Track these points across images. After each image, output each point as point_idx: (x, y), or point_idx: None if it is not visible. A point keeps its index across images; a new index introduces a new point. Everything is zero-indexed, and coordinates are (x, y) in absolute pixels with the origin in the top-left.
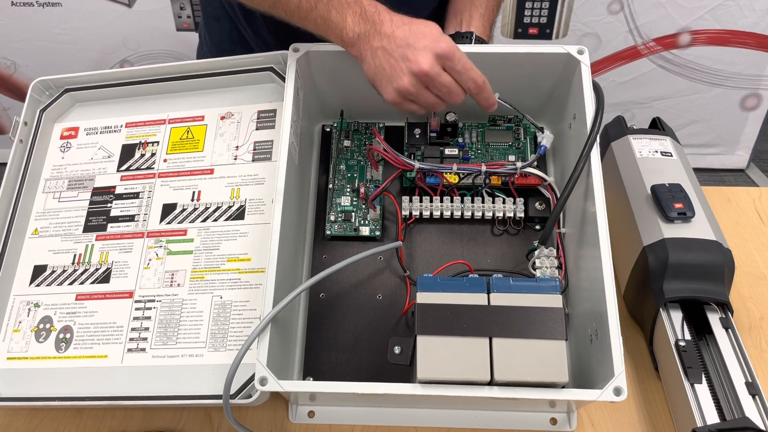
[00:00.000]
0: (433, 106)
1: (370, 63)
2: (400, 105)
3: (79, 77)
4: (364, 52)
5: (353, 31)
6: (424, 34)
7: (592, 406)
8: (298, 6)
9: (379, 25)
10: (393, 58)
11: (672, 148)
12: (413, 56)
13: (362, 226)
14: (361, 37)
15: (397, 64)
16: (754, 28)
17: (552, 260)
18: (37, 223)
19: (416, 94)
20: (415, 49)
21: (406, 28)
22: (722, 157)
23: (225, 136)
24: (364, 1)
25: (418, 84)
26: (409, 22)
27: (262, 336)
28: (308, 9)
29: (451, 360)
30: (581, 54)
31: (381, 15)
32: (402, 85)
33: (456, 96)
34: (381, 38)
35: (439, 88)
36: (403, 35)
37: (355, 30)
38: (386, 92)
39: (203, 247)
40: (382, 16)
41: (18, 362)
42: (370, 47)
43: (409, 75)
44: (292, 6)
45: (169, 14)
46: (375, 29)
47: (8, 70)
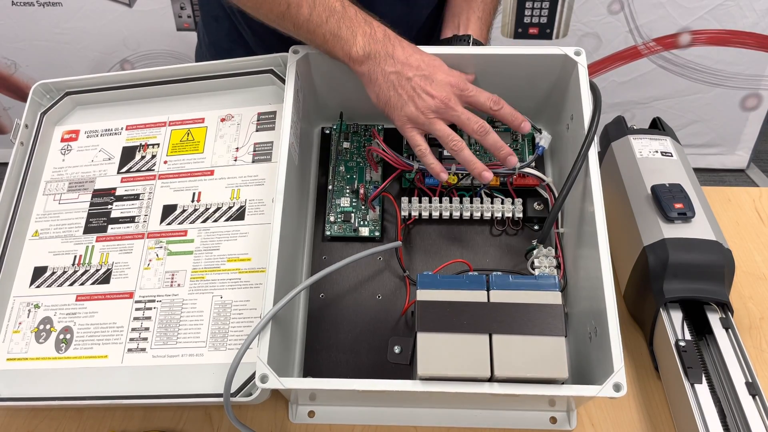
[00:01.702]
0: (445, 137)
1: (381, 86)
2: (408, 131)
3: (79, 80)
4: (375, 73)
5: (363, 50)
6: (437, 67)
7: (591, 406)
8: (308, 20)
9: (391, 49)
10: (410, 86)
11: (672, 148)
12: (432, 88)
13: (362, 226)
14: (370, 57)
15: (415, 93)
16: (754, 28)
17: (551, 260)
18: (38, 224)
19: (431, 122)
20: (433, 81)
21: (418, 57)
22: (722, 157)
23: (225, 138)
24: (375, 23)
25: (435, 113)
26: (419, 51)
27: (262, 334)
28: (318, 23)
29: (452, 357)
30: (578, 55)
31: (392, 40)
32: (420, 112)
33: (473, 123)
34: (395, 63)
35: (458, 116)
36: (418, 65)
37: (365, 49)
38: (398, 116)
39: (203, 248)
40: (393, 41)
41: (18, 363)
42: (383, 71)
43: (428, 105)
44: (302, 20)
45: (169, 14)
46: (386, 52)
47: (8, 70)
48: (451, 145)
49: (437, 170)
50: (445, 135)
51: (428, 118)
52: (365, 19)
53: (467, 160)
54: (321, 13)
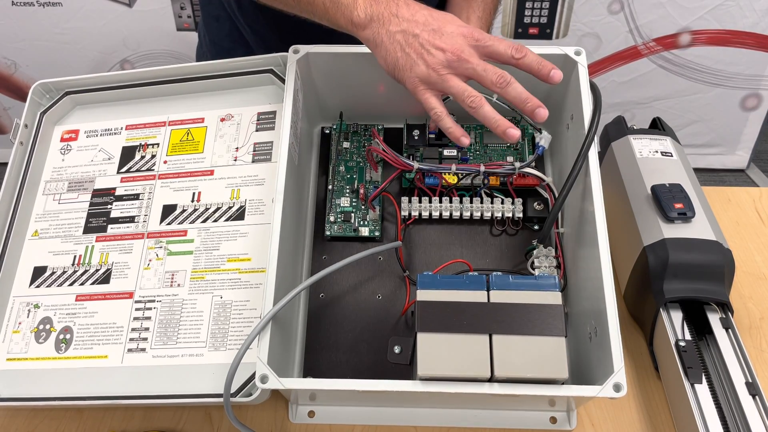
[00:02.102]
0: (461, 93)
1: (388, 48)
2: (422, 93)
3: (79, 80)
4: (379, 36)
5: (365, 13)
6: (447, 20)
7: (591, 406)
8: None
9: (395, 8)
10: (418, 43)
11: (672, 148)
12: (442, 41)
13: (362, 226)
14: (374, 20)
15: (423, 49)
16: (754, 28)
17: (551, 260)
18: (37, 224)
19: (445, 78)
20: (443, 33)
21: (425, 13)
22: (722, 157)
23: (225, 138)
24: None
25: (449, 68)
26: (426, 7)
27: (262, 334)
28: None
29: (452, 357)
30: (578, 55)
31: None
32: (430, 69)
33: (490, 74)
34: (400, 22)
35: (475, 67)
36: (425, 20)
37: (367, 11)
38: (410, 77)
39: (203, 248)
40: (397, 0)
41: (18, 363)
42: (387, 31)
43: (440, 59)
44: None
45: (169, 14)
46: (390, 12)
47: (8, 70)
48: (468, 102)
49: (457, 134)
50: (461, 91)
51: (440, 75)
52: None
53: (488, 117)
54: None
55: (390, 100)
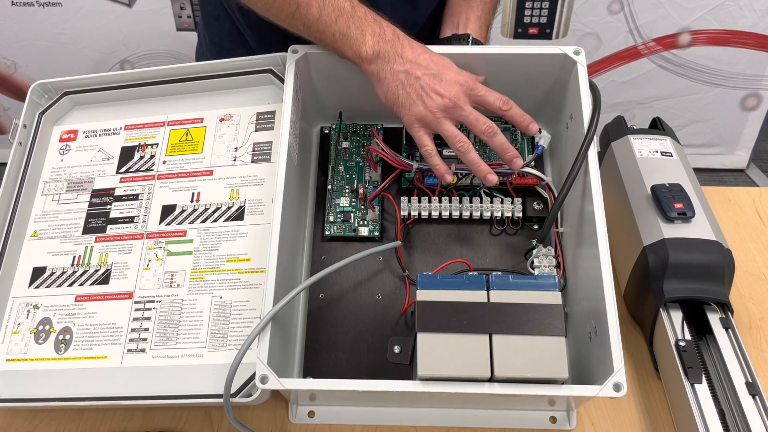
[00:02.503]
0: (453, 137)
1: (390, 85)
2: (416, 130)
3: (78, 80)
4: (383, 72)
5: (372, 49)
6: (447, 66)
7: (591, 406)
8: (317, 20)
9: (400, 48)
10: (419, 85)
11: (672, 148)
12: (441, 87)
13: (361, 226)
14: (380, 57)
15: (423, 92)
16: (754, 28)
17: (550, 259)
18: (37, 225)
19: (439, 121)
20: (442, 80)
21: (427, 57)
22: (722, 157)
23: (224, 138)
24: (384, 23)
25: (444, 112)
26: (427, 51)
27: (262, 335)
28: (328, 23)
29: (452, 357)
30: (578, 54)
31: (401, 40)
32: (428, 111)
33: (481, 123)
34: (404, 62)
35: (467, 116)
36: (427, 64)
37: (374, 48)
38: (407, 115)
39: (203, 248)
40: (402, 40)
41: (17, 364)
42: (391, 69)
43: (437, 104)
44: (311, 19)
45: (169, 14)
46: (395, 52)
47: (8, 70)
48: (458, 146)
49: (442, 172)
50: (453, 135)
51: (436, 117)
52: (374, 19)
53: (473, 162)
54: (330, 13)
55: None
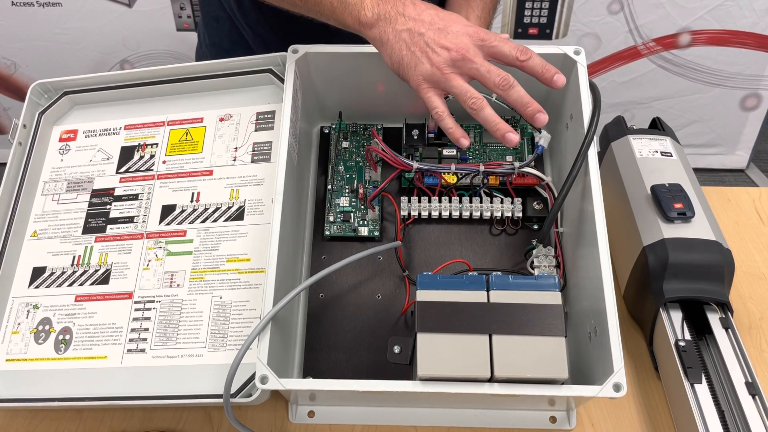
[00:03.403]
0: (463, 94)
1: (393, 46)
2: (425, 91)
3: (77, 80)
4: (386, 34)
5: (372, 12)
6: (453, 19)
7: (591, 406)
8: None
9: (402, 7)
10: (423, 41)
11: (672, 148)
12: (448, 40)
13: (361, 226)
14: (381, 19)
15: (428, 47)
16: (754, 28)
17: (550, 259)
18: (36, 225)
19: (448, 77)
20: (449, 32)
21: (432, 12)
22: (722, 157)
23: (224, 138)
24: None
25: (453, 67)
26: (432, 6)
27: (262, 335)
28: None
29: (452, 357)
30: (578, 54)
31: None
32: (434, 67)
33: (494, 75)
34: (406, 20)
35: (479, 68)
36: (431, 19)
37: (374, 11)
38: (414, 76)
39: (203, 248)
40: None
41: (17, 364)
42: (393, 30)
43: (444, 58)
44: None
45: (169, 14)
46: (397, 11)
47: (8, 70)
48: (470, 103)
49: (457, 135)
50: (464, 92)
51: (444, 74)
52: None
53: (488, 119)
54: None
55: (389, 99)
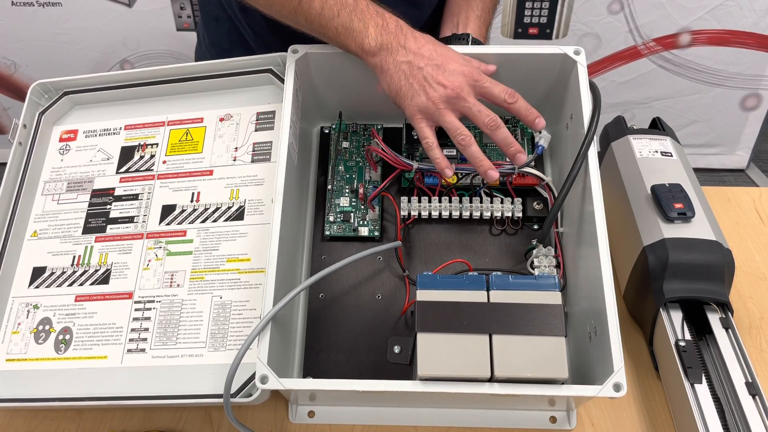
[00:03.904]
0: (454, 130)
1: (393, 76)
2: (418, 121)
3: (77, 80)
4: (386, 63)
5: (375, 41)
6: (451, 57)
7: (591, 406)
8: (320, 14)
9: (403, 39)
10: (421, 75)
11: (672, 148)
12: (444, 77)
13: (361, 226)
14: (383, 49)
15: (426, 82)
16: (754, 28)
17: (550, 259)
18: (36, 225)
19: (441, 112)
20: (445, 70)
21: (431, 48)
22: (722, 157)
23: (224, 138)
24: (387, 15)
25: (447, 104)
26: (432, 41)
27: (262, 335)
28: (330, 17)
29: (452, 357)
30: (578, 54)
31: (404, 30)
32: (430, 102)
33: (483, 116)
34: (407, 53)
35: (470, 107)
36: (430, 55)
37: (377, 40)
38: (409, 106)
39: (203, 248)
40: (405, 31)
41: (17, 364)
42: (394, 60)
43: (440, 94)
44: (314, 14)
45: (169, 14)
46: (399, 43)
47: (8, 70)
48: (459, 139)
49: (443, 166)
50: (454, 128)
51: (438, 109)
52: (377, 11)
53: (474, 156)
54: (332, 7)
55: (389, 100)
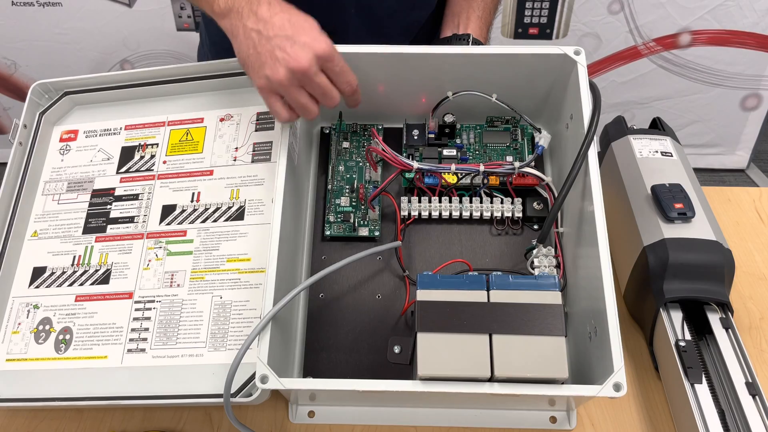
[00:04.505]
0: (302, 107)
1: (242, 43)
2: (266, 96)
3: (78, 80)
4: (237, 29)
5: (225, 4)
6: (305, 29)
7: (591, 406)
8: None
9: (256, 6)
10: (270, 46)
11: (672, 148)
12: (292, 51)
13: (361, 226)
14: (233, 12)
15: (273, 54)
16: (754, 28)
17: (550, 259)
18: (37, 225)
19: (287, 89)
20: (294, 43)
21: (284, 17)
22: (722, 157)
23: (224, 138)
24: None
25: (293, 80)
26: (288, 11)
27: (262, 334)
28: None
29: (452, 357)
30: (578, 55)
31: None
32: (275, 76)
33: (330, 99)
34: (257, 21)
35: (314, 88)
36: (281, 24)
37: (228, 3)
38: (256, 78)
39: (203, 248)
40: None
41: (17, 363)
42: (243, 26)
43: (285, 68)
44: None
45: (169, 14)
46: (250, 8)
47: (8, 70)
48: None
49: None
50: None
51: (283, 84)
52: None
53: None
54: None
55: (389, 99)
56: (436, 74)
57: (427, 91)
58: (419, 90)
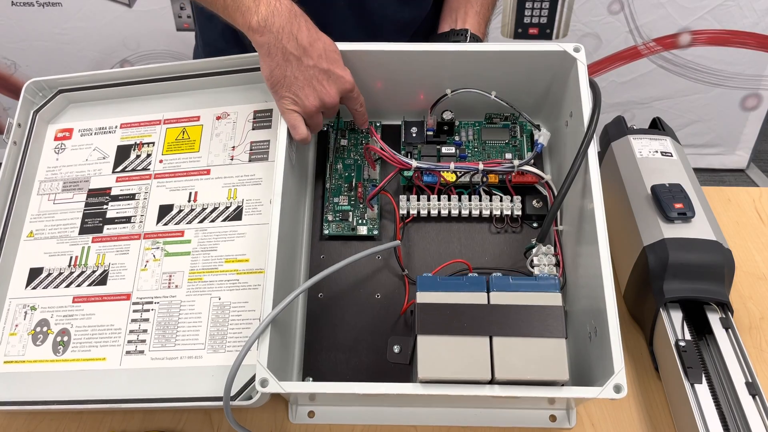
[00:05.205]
0: (317, 126)
1: (279, 63)
2: (291, 113)
3: (72, 78)
4: (274, 49)
5: (264, 20)
6: (336, 61)
7: (591, 406)
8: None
9: (296, 29)
10: (308, 74)
11: (672, 148)
12: (328, 85)
13: (360, 225)
14: (272, 31)
15: (310, 83)
16: (754, 28)
17: (550, 258)
18: (33, 225)
19: (314, 115)
20: (329, 77)
21: (320, 46)
22: (722, 157)
23: (221, 137)
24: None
25: (320, 108)
26: (321, 38)
27: (262, 337)
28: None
29: (452, 359)
30: (577, 52)
31: (298, 18)
32: (309, 103)
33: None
34: (297, 46)
35: (330, 113)
36: (319, 54)
37: (267, 20)
38: (288, 96)
39: (201, 248)
40: (300, 20)
41: (15, 366)
42: (284, 48)
43: (318, 99)
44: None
45: (169, 14)
46: (290, 32)
47: (8, 70)
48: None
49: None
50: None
51: (313, 109)
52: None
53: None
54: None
55: (387, 97)
56: (434, 71)
57: (425, 88)
58: (417, 87)
